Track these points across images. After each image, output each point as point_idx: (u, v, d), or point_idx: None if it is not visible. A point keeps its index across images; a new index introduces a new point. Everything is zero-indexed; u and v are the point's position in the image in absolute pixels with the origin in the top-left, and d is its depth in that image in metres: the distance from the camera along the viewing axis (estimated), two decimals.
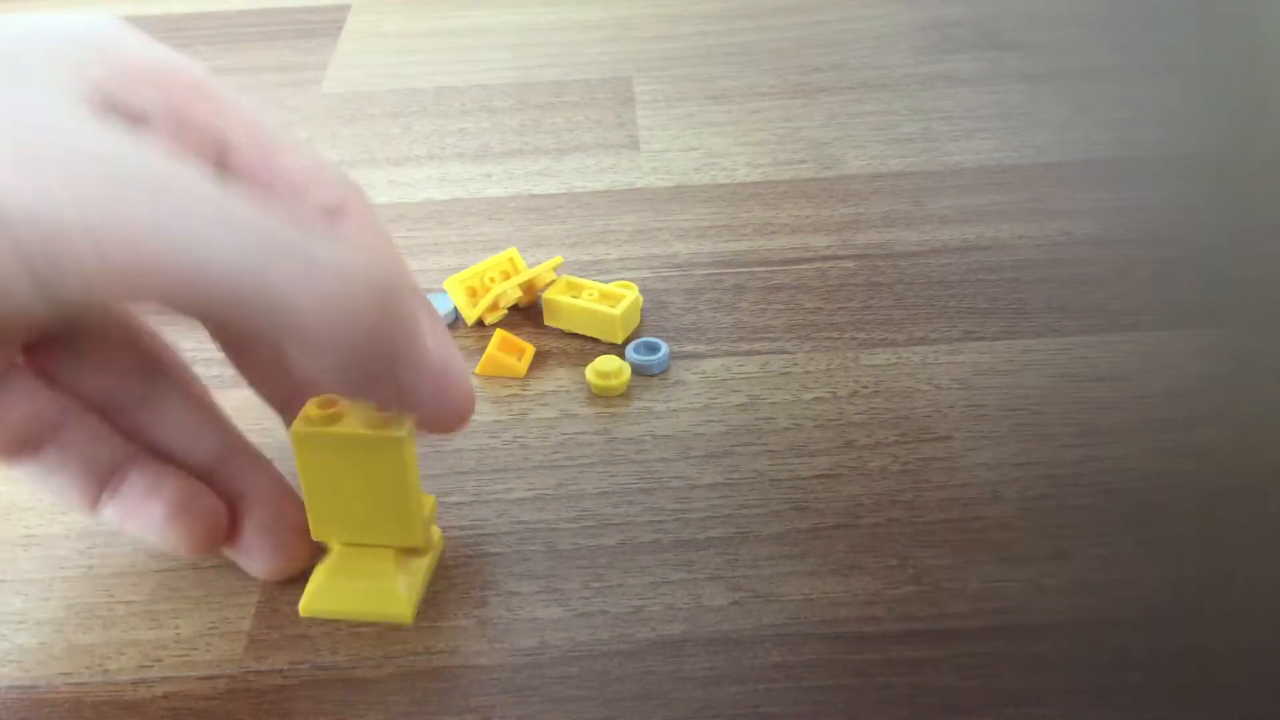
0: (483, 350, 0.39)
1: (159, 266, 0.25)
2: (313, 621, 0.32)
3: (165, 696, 0.30)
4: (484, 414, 0.38)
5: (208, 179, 0.26)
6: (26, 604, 0.32)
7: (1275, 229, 0.44)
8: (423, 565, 0.32)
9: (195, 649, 0.31)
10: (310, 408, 0.30)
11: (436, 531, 0.33)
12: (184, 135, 0.29)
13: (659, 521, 0.34)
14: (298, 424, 0.30)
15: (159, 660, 0.31)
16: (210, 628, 0.32)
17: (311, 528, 0.31)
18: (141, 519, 0.31)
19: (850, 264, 0.43)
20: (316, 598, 0.32)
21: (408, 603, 0.31)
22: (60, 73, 0.27)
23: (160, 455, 0.32)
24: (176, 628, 0.32)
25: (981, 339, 0.40)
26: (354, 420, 0.30)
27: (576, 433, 0.37)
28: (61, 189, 0.24)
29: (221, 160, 0.29)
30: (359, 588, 0.31)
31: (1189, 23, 0.57)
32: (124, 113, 0.28)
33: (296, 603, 0.32)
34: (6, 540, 0.34)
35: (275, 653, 0.31)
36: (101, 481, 0.31)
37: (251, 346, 0.32)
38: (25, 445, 0.31)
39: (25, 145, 0.24)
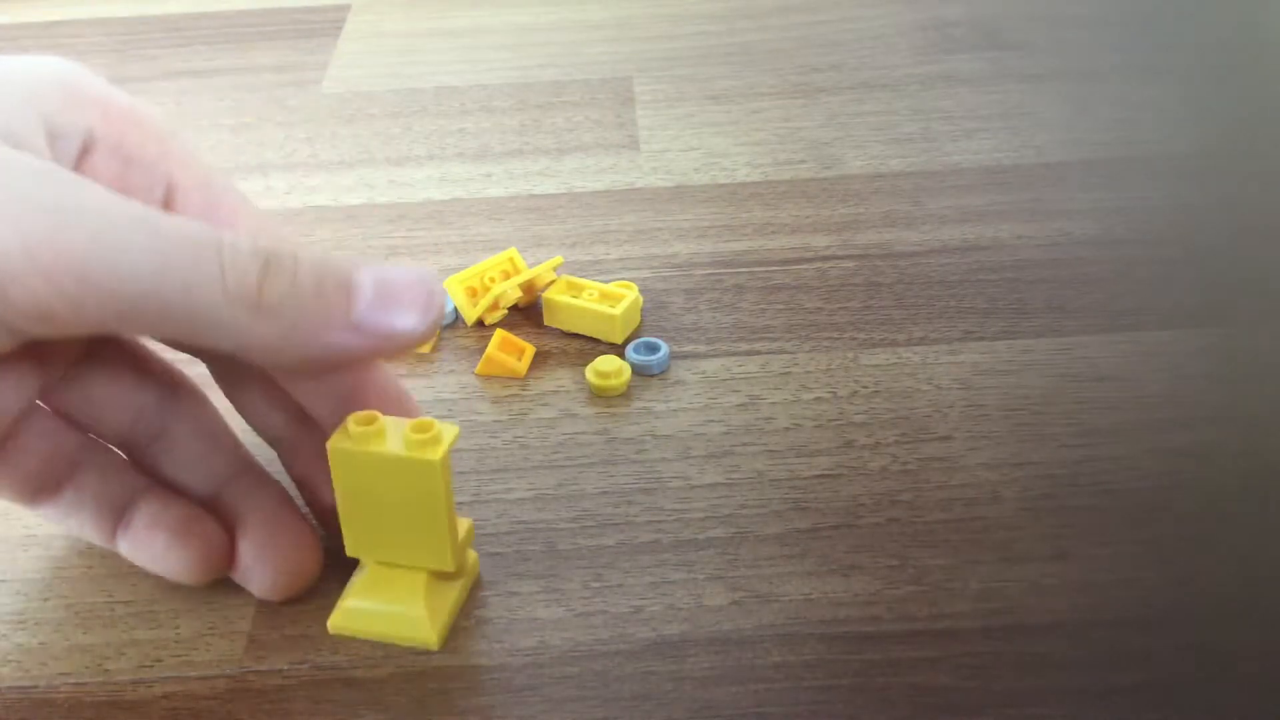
0: (483, 350, 0.39)
1: (103, 289, 0.26)
2: (313, 621, 0.32)
3: (165, 696, 0.30)
4: (484, 414, 0.38)
5: (127, 201, 0.27)
6: (26, 604, 0.32)
7: (1275, 229, 0.44)
8: (455, 590, 0.32)
9: (195, 649, 0.31)
10: (350, 423, 0.29)
11: (472, 555, 0.33)
12: (130, 169, 0.30)
13: (659, 521, 0.34)
14: (335, 439, 0.29)
15: (159, 660, 0.31)
16: (210, 628, 0.32)
17: (346, 544, 0.31)
18: (147, 550, 0.32)
19: (850, 264, 0.43)
20: (346, 616, 0.31)
21: (434, 629, 0.31)
22: (13, 110, 0.28)
23: (169, 484, 0.33)
24: (176, 628, 0.32)
25: (981, 339, 0.40)
26: (391, 439, 0.29)
27: (576, 433, 0.37)
28: (4, 226, 0.25)
29: (168, 201, 0.30)
30: (387, 611, 0.31)
31: (1189, 23, 0.57)
32: (72, 140, 0.29)
33: (297, 603, 0.32)
34: (6, 540, 0.34)
35: (275, 653, 0.31)
36: (116, 517, 0.32)
37: (241, 382, 0.33)
38: (44, 488, 0.32)
39: None
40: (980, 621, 0.31)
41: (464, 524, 0.31)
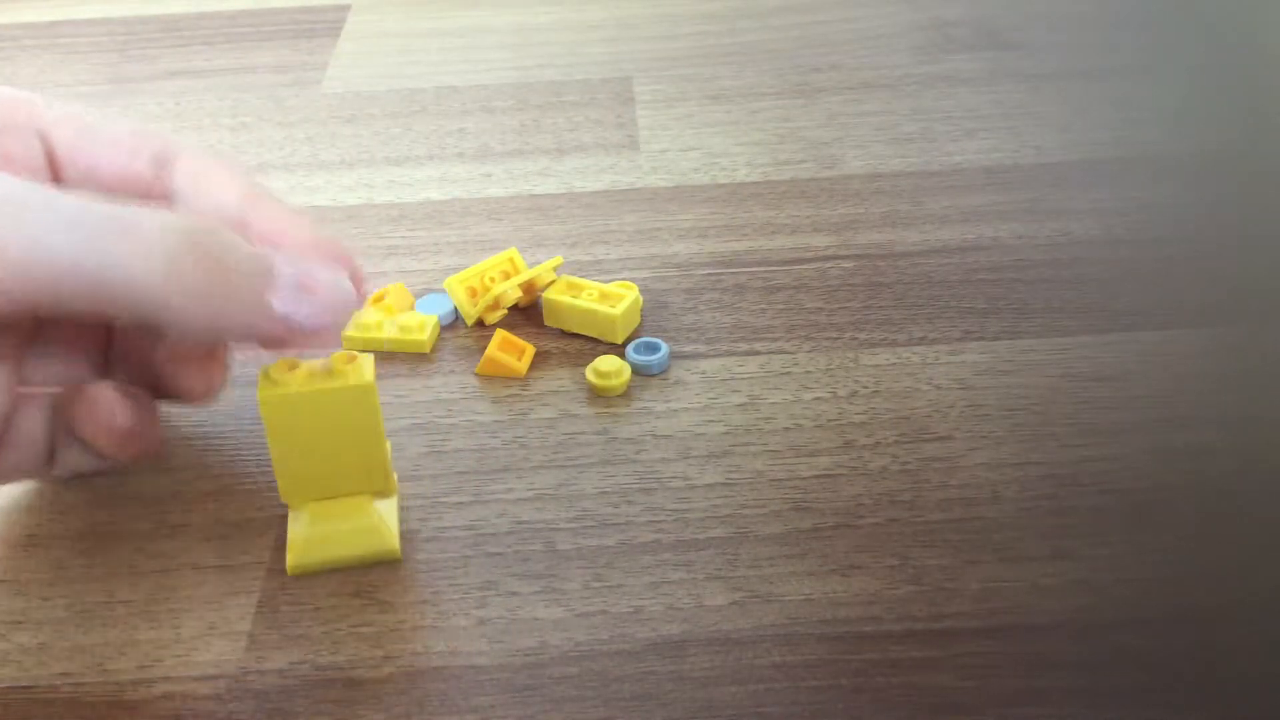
0: (483, 350, 0.39)
1: (21, 266, 0.27)
2: (313, 621, 0.32)
3: (165, 696, 0.30)
4: (484, 414, 0.38)
5: (38, 185, 0.28)
6: (26, 604, 0.32)
7: (1275, 229, 0.44)
8: (393, 506, 0.34)
9: (195, 649, 0.31)
10: (273, 371, 0.31)
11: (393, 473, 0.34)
12: (8, 137, 0.32)
13: (659, 521, 0.34)
14: (264, 390, 0.31)
15: (159, 660, 0.31)
16: (210, 628, 0.32)
17: (281, 491, 0.32)
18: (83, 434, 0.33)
19: (850, 264, 0.43)
20: (303, 552, 0.32)
21: (395, 538, 0.33)
22: None
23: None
24: (176, 628, 0.32)
25: (981, 339, 0.40)
26: (318, 376, 0.31)
27: (576, 433, 0.37)
28: None
29: (49, 151, 0.32)
30: (343, 533, 0.32)
31: (1189, 23, 0.57)
32: None
33: (297, 603, 0.32)
34: (6, 540, 0.34)
35: (275, 653, 0.31)
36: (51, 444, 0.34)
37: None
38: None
39: None
40: (980, 621, 0.31)
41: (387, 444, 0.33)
